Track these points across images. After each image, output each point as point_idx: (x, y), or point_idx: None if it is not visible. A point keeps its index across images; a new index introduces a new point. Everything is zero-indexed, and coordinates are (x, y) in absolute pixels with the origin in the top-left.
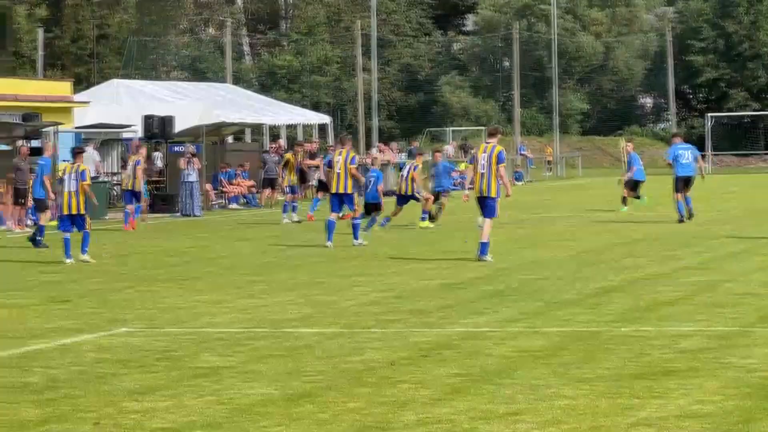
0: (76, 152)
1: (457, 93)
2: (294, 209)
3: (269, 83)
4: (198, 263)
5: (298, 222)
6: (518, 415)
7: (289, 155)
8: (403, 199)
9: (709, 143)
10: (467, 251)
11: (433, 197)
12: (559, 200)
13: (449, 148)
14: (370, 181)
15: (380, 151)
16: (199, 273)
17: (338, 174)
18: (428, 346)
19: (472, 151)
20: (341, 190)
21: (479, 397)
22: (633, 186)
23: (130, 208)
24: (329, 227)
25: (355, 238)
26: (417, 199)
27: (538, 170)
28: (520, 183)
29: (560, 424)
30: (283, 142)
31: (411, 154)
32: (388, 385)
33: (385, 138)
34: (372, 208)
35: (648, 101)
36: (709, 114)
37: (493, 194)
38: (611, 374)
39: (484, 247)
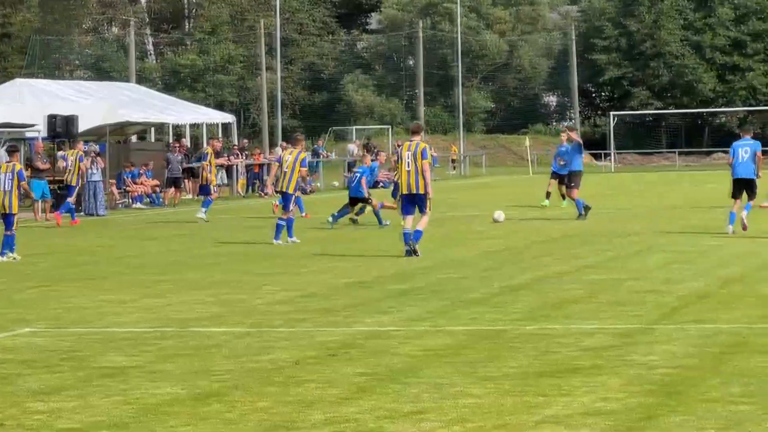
0: (11, 150)
1: (361, 92)
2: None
3: (173, 82)
4: (105, 263)
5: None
6: (423, 413)
7: (209, 150)
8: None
9: (612, 142)
10: (385, 251)
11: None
12: (465, 199)
13: (352, 147)
14: (355, 178)
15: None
16: (105, 272)
17: (285, 173)
18: (335, 345)
19: (398, 150)
20: (284, 189)
21: (385, 396)
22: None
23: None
24: (279, 227)
25: (275, 238)
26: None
27: (442, 169)
28: None
29: (466, 422)
30: (186, 141)
31: (316, 153)
32: (296, 385)
33: (290, 137)
34: (356, 201)
35: (552, 100)
36: (612, 112)
37: (421, 191)
38: (517, 372)
39: (417, 234)
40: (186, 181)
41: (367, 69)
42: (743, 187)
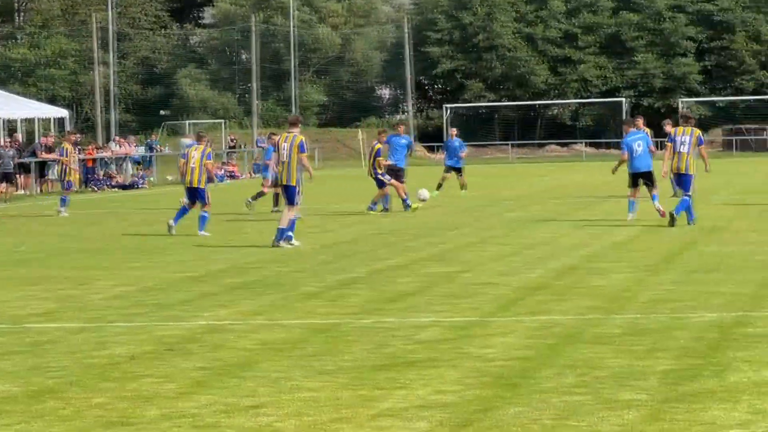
0: None
1: (195, 86)
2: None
3: (4, 77)
4: None
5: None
6: (260, 408)
7: (67, 146)
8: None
9: (446, 134)
10: (223, 244)
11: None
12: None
13: (186, 141)
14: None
15: (118, 144)
16: None
17: (192, 168)
18: (172, 339)
19: (275, 139)
20: (194, 184)
21: (222, 391)
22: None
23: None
24: (182, 211)
25: (200, 229)
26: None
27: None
28: (258, 175)
29: (302, 416)
30: (19, 136)
31: (150, 148)
32: (132, 380)
33: (124, 131)
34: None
35: (386, 93)
36: (446, 105)
37: (293, 183)
38: (353, 366)
39: (281, 233)
40: (18, 176)
41: (201, 63)
42: (641, 178)
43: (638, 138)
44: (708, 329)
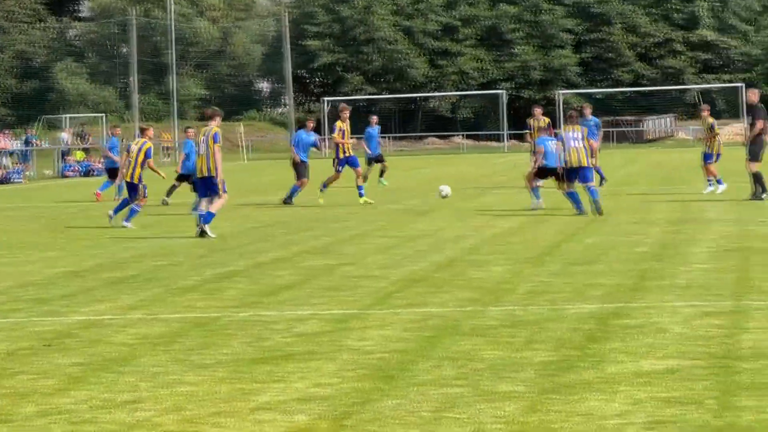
0: None
1: (73, 80)
2: None
3: None
4: None
5: None
6: (139, 402)
7: None
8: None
9: (326, 128)
10: (96, 239)
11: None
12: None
13: (65, 135)
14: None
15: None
16: None
17: (129, 162)
18: (50, 335)
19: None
20: (130, 179)
21: (100, 386)
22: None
23: None
24: (123, 204)
25: (126, 220)
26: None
27: (156, 156)
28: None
29: (181, 410)
30: None
31: (27, 142)
32: (9, 377)
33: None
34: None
35: (266, 86)
36: (326, 98)
37: (213, 173)
38: (231, 359)
39: (208, 216)
40: None
41: (79, 57)
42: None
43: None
44: (586, 321)
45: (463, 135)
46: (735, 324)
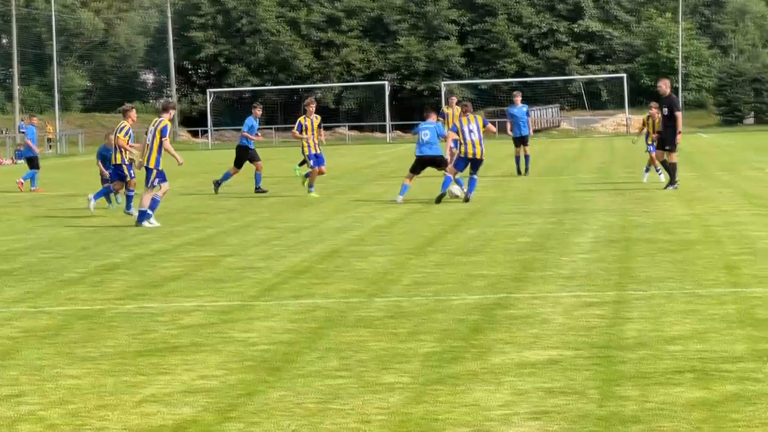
0: None
1: None
2: None
3: None
4: None
5: None
6: (23, 396)
7: None
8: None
9: (210, 119)
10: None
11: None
12: (63, 178)
13: None
14: None
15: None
16: None
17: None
18: None
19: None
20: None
21: None
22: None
23: None
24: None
25: (127, 208)
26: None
27: (39, 147)
28: (21, 161)
29: (66, 404)
30: None
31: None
32: None
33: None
34: None
35: (149, 77)
36: (210, 90)
37: (151, 165)
38: (116, 352)
39: (142, 214)
40: None
41: None
42: (427, 164)
43: (428, 127)
44: (470, 311)
45: (347, 126)
46: (617, 314)
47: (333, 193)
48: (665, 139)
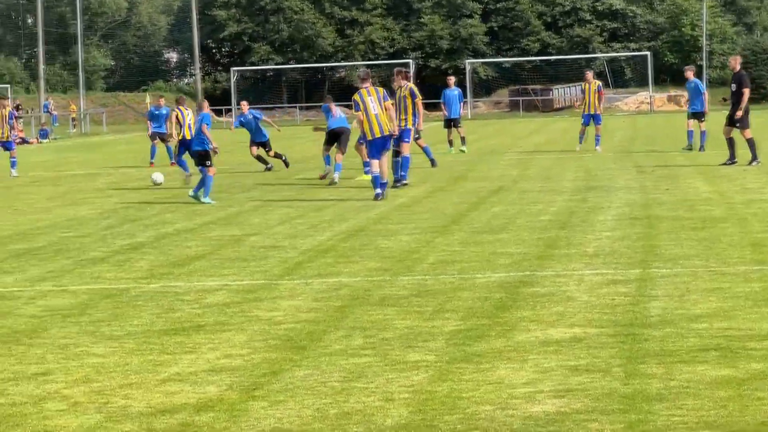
0: None
1: None
2: None
3: None
4: None
5: None
6: (48, 375)
7: None
8: None
9: (234, 97)
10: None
11: None
12: (84, 158)
13: None
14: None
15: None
16: None
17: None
18: None
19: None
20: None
21: (9, 359)
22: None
23: None
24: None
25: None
26: None
27: (63, 127)
28: (45, 141)
29: (91, 382)
30: None
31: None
32: None
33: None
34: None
35: (173, 56)
36: (233, 68)
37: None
38: (141, 331)
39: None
40: None
41: None
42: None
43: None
44: (494, 289)
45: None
46: (641, 292)
47: (354, 173)
48: (733, 116)
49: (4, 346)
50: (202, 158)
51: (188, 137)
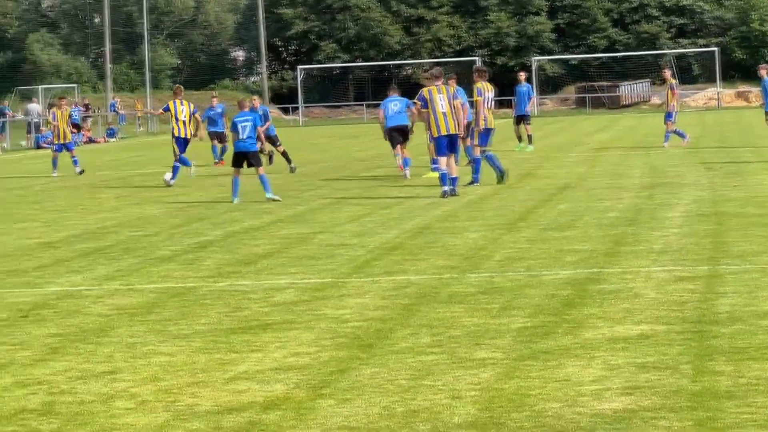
0: None
1: (47, 51)
2: None
3: None
4: None
5: None
6: (116, 373)
7: None
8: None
9: (300, 95)
10: (69, 209)
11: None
12: (153, 156)
13: (34, 107)
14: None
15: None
16: None
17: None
18: (27, 306)
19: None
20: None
21: (77, 357)
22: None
23: None
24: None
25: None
26: None
27: (130, 126)
28: (113, 140)
29: (158, 381)
30: None
31: (1, 113)
32: None
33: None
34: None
35: (240, 55)
36: (300, 66)
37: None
38: (208, 329)
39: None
40: None
41: (52, 28)
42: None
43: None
44: (562, 287)
45: None
46: (710, 289)
47: (420, 171)
48: None
49: (72, 344)
50: (250, 160)
51: (182, 135)
